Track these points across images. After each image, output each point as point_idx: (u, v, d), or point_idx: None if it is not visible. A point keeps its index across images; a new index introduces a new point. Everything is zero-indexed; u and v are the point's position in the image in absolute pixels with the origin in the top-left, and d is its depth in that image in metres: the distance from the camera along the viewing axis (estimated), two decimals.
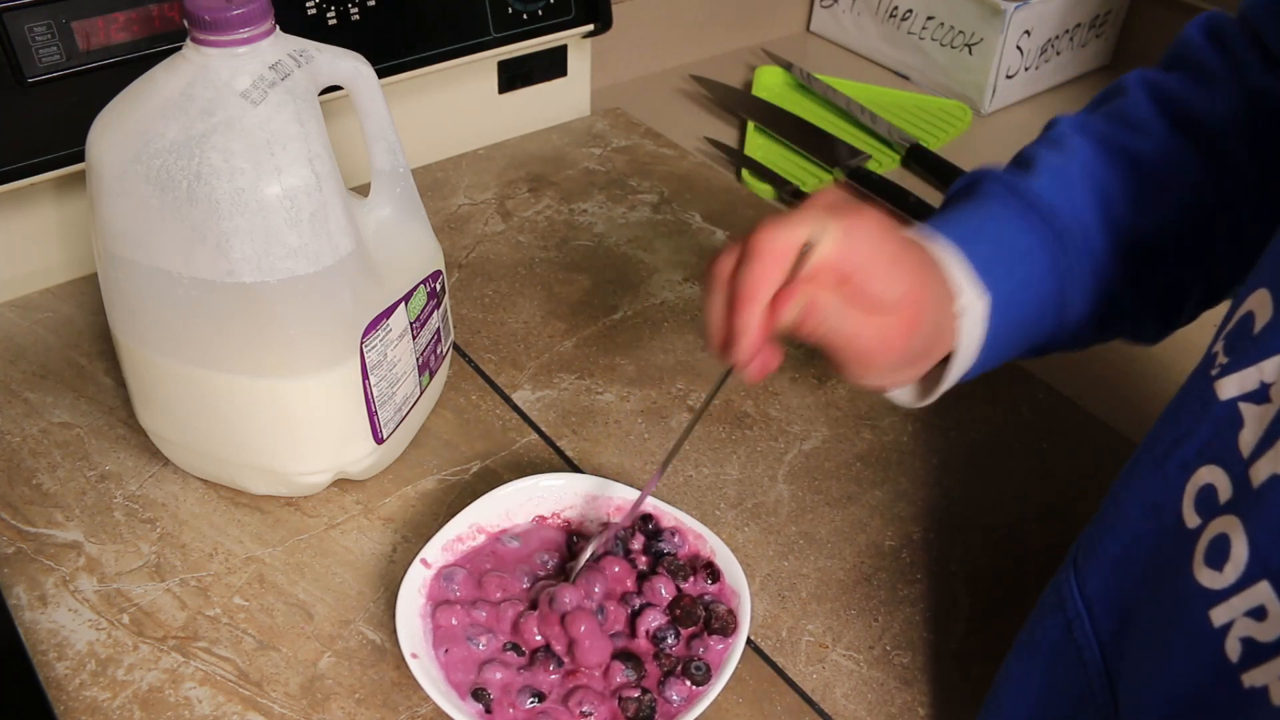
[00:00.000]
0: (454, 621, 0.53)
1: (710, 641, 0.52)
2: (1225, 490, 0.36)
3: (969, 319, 0.48)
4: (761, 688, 0.55)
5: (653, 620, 0.53)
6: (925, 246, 0.48)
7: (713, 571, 0.55)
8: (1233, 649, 0.34)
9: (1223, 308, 0.42)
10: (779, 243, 0.43)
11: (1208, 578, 0.35)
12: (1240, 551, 0.34)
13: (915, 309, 0.45)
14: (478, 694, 0.50)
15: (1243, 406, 0.36)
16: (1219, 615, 0.35)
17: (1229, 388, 0.37)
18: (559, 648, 0.52)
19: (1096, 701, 0.42)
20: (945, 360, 0.50)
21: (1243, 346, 0.37)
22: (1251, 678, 0.33)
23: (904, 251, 0.45)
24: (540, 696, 0.50)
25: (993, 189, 0.52)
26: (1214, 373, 0.38)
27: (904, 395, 0.52)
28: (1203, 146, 0.52)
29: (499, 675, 0.51)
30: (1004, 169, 0.54)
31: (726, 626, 0.53)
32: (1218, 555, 0.35)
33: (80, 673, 0.54)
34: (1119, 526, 0.42)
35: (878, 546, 0.63)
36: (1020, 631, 0.49)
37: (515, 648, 0.52)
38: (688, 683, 0.51)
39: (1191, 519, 0.37)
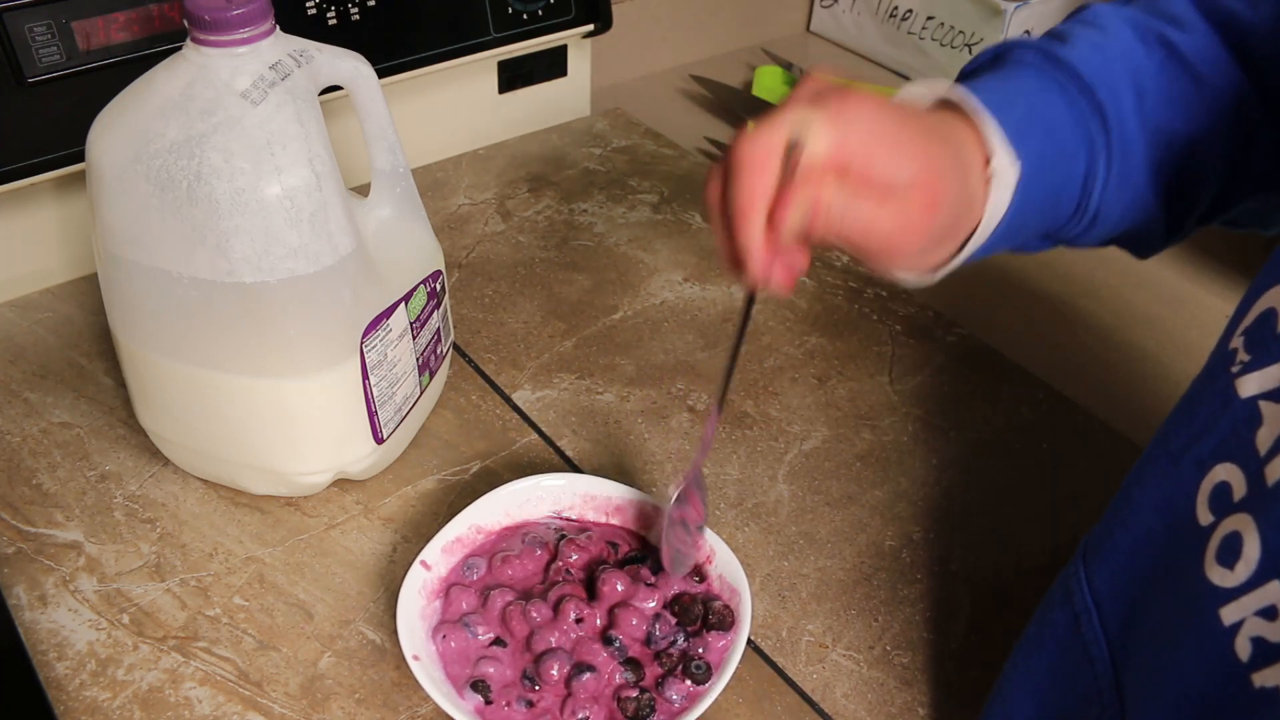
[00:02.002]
0: (465, 605, 0.53)
1: (710, 639, 0.52)
2: (1240, 488, 0.36)
3: (1000, 184, 0.45)
4: (761, 688, 0.55)
5: (652, 625, 0.53)
6: (934, 116, 0.45)
7: (697, 571, 0.55)
8: (1243, 648, 0.34)
9: (1223, 310, 0.41)
10: (760, 148, 0.40)
11: (1218, 576, 0.35)
12: (1252, 550, 0.34)
13: (931, 185, 0.42)
14: (477, 685, 0.50)
15: (1263, 405, 0.35)
16: (1229, 614, 0.34)
17: (1249, 385, 0.36)
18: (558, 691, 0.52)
19: (1103, 698, 0.42)
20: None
21: (1265, 344, 0.36)
22: (1262, 678, 0.33)
23: (905, 127, 0.42)
24: (531, 703, 0.50)
25: (1027, 57, 0.49)
26: (1234, 370, 0.37)
27: (912, 274, 0.48)
28: (1241, 50, 0.49)
29: (494, 670, 0.51)
30: (1038, 39, 0.50)
31: (724, 621, 0.53)
32: (1229, 553, 0.35)
33: (80, 673, 0.54)
34: (1130, 522, 0.42)
35: (878, 546, 0.63)
36: (1027, 626, 0.49)
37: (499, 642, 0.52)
38: (688, 682, 0.51)
39: (1204, 516, 0.37)
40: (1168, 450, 0.40)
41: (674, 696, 0.50)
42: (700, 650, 0.52)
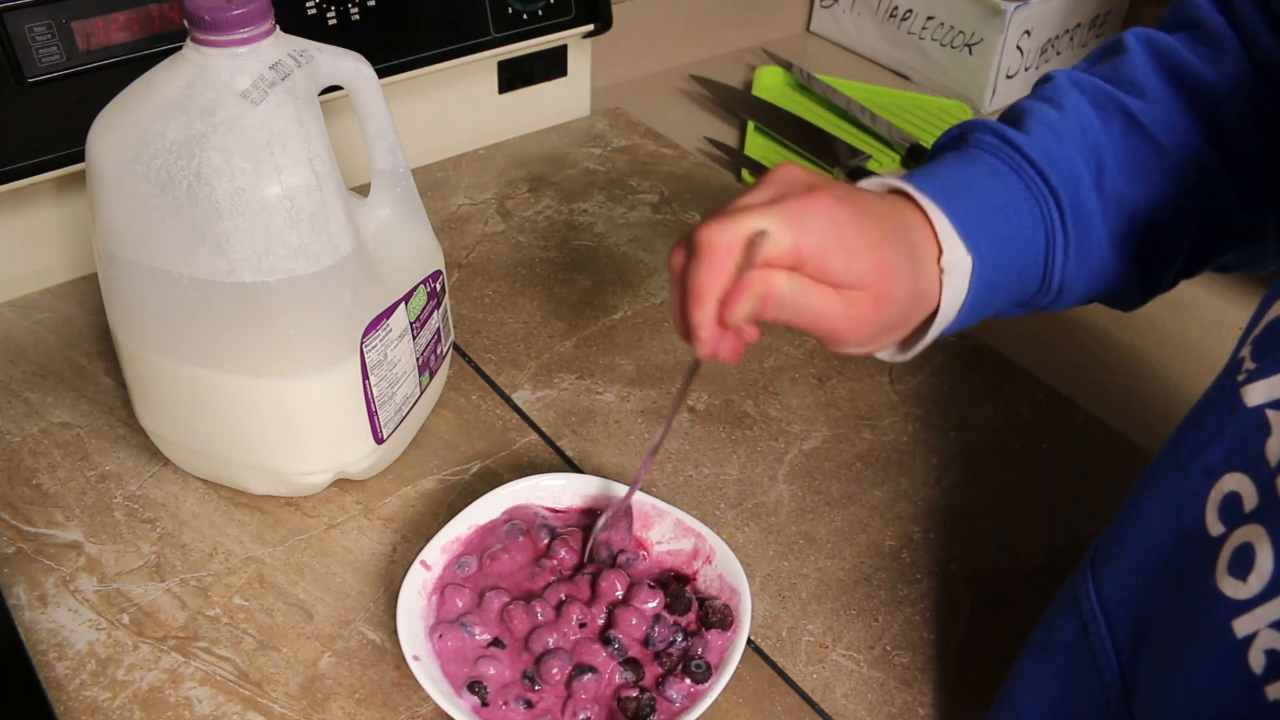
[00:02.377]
0: (460, 603, 0.53)
1: (710, 639, 0.52)
2: (1251, 499, 0.35)
3: (954, 276, 0.47)
4: (761, 688, 0.55)
5: (652, 625, 0.53)
6: (892, 213, 0.46)
7: (681, 577, 0.55)
8: (1256, 661, 0.34)
9: (1241, 312, 0.41)
10: (723, 239, 0.42)
11: (1230, 587, 0.35)
12: (1265, 562, 0.34)
13: (881, 284, 0.44)
14: (473, 686, 0.50)
15: (1270, 414, 0.35)
16: (1242, 626, 0.34)
17: (1256, 394, 0.36)
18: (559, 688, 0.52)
19: (1112, 708, 0.42)
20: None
21: (1272, 353, 0.36)
22: (1277, 690, 0.33)
23: (862, 229, 0.44)
24: (530, 704, 0.50)
25: (983, 140, 0.50)
26: (1240, 378, 0.37)
27: (884, 352, 0.50)
28: (1204, 113, 0.50)
29: (492, 670, 0.51)
30: (995, 121, 0.52)
31: (724, 620, 0.53)
32: (1242, 565, 0.35)
33: (80, 673, 0.54)
34: (1140, 531, 0.41)
35: (878, 546, 0.63)
36: (1034, 632, 0.49)
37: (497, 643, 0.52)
38: (688, 681, 0.51)
39: (1215, 527, 0.37)
40: (1176, 458, 0.40)
41: (674, 696, 0.50)
42: (700, 650, 0.52)
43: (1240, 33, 0.50)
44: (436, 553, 0.55)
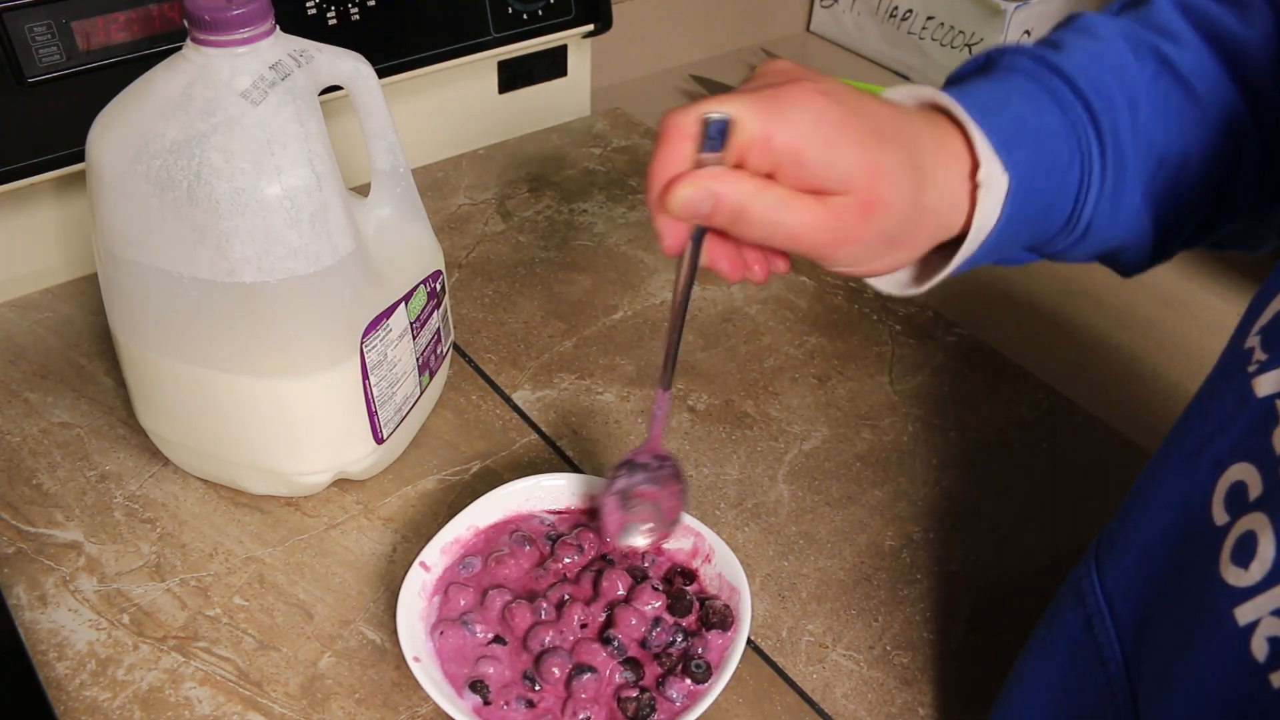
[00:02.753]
0: (462, 602, 0.53)
1: (710, 639, 0.52)
2: (1256, 487, 0.35)
3: (989, 194, 0.43)
4: (761, 688, 0.55)
5: (651, 627, 0.53)
6: (893, 116, 0.42)
7: (687, 573, 0.55)
8: (1259, 648, 0.34)
9: (1240, 313, 0.41)
10: (679, 122, 0.39)
11: (1234, 575, 0.35)
12: (1268, 550, 0.34)
13: (869, 186, 0.40)
14: (475, 686, 0.50)
15: None
16: (1244, 614, 0.34)
17: (1267, 384, 0.36)
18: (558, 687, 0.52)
19: (1116, 700, 0.42)
20: (945, 245, 0.45)
21: None
22: None
23: (846, 124, 0.40)
24: (531, 703, 0.50)
25: (1019, 62, 0.47)
26: (1251, 369, 0.37)
27: (889, 283, 0.47)
28: (1235, 65, 0.47)
29: (493, 669, 0.51)
30: (1030, 45, 0.48)
31: (724, 620, 0.53)
32: (1244, 553, 0.35)
33: (80, 673, 0.54)
34: (1145, 522, 0.41)
35: (878, 546, 0.63)
36: (1037, 627, 0.48)
37: (499, 640, 0.52)
38: (688, 681, 0.51)
39: (1220, 516, 0.36)
40: (1182, 449, 0.40)
41: (674, 695, 0.50)
42: (700, 650, 0.52)
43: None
44: (436, 554, 0.55)
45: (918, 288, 0.46)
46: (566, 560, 0.56)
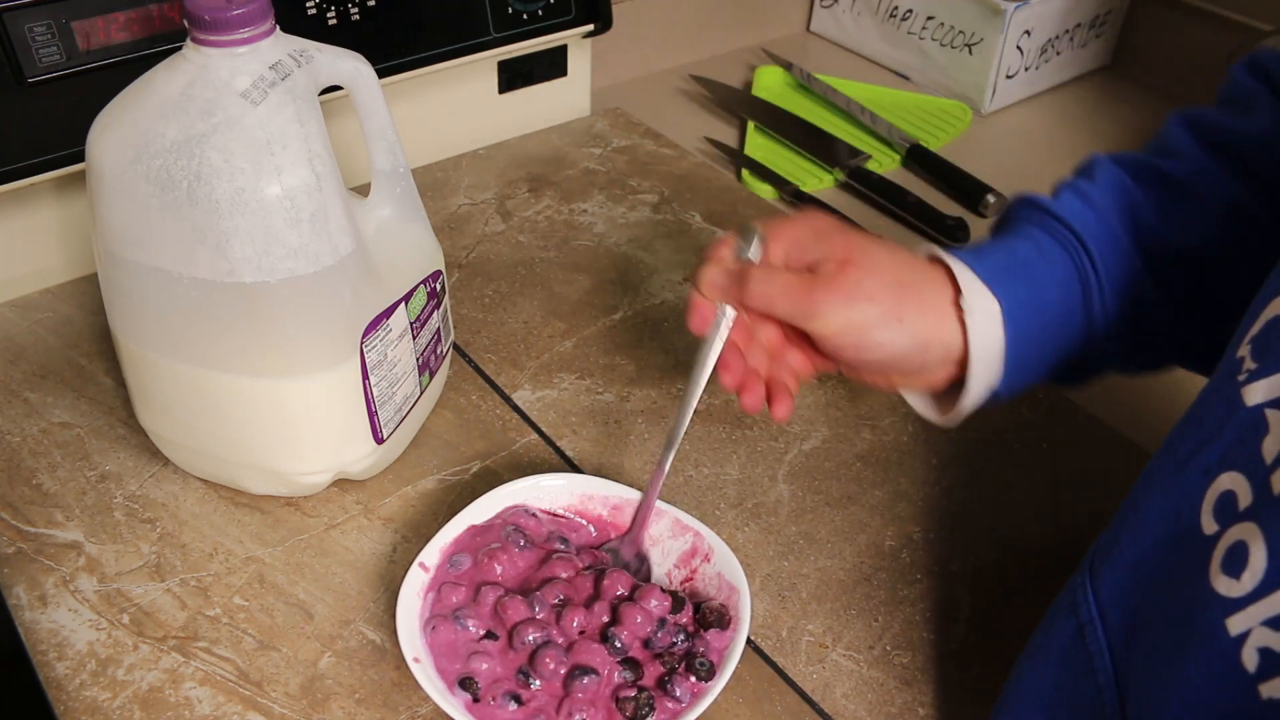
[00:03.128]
0: (455, 598, 0.53)
1: (709, 638, 0.52)
2: (1245, 497, 0.35)
3: (978, 319, 0.50)
4: (761, 688, 0.55)
5: (657, 627, 0.53)
6: (898, 253, 0.52)
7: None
8: (1250, 659, 0.34)
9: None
10: (719, 244, 0.53)
11: (1224, 585, 0.35)
12: (1259, 560, 0.34)
13: (848, 252, 0.50)
14: (464, 683, 0.50)
15: (1269, 413, 0.35)
16: (1235, 624, 0.34)
17: (1256, 393, 0.36)
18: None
19: (1106, 711, 0.42)
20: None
21: (1272, 352, 0.36)
22: (1270, 689, 0.33)
23: (836, 225, 0.52)
24: (519, 699, 0.50)
25: (1020, 212, 0.55)
26: (1241, 378, 0.37)
27: (924, 406, 0.55)
28: (1236, 164, 0.52)
29: (484, 666, 0.51)
30: (1037, 194, 0.56)
31: (721, 619, 0.53)
32: (1235, 563, 0.35)
33: (80, 673, 0.54)
34: (1137, 531, 0.41)
35: (878, 546, 0.63)
36: (1033, 634, 0.49)
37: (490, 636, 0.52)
38: (693, 678, 0.51)
39: (1209, 525, 0.37)
40: (1174, 458, 0.40)
41: (680, 693, 0.50)
42: (701, 649, 0.52)
43: (1273, 91, 0.53)
44: (435, 554, 0.55)
45: (946, 417, 0.54)
46: (564, 559, 0.55)
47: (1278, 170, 0.51)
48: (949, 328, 0.50)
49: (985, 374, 0.51)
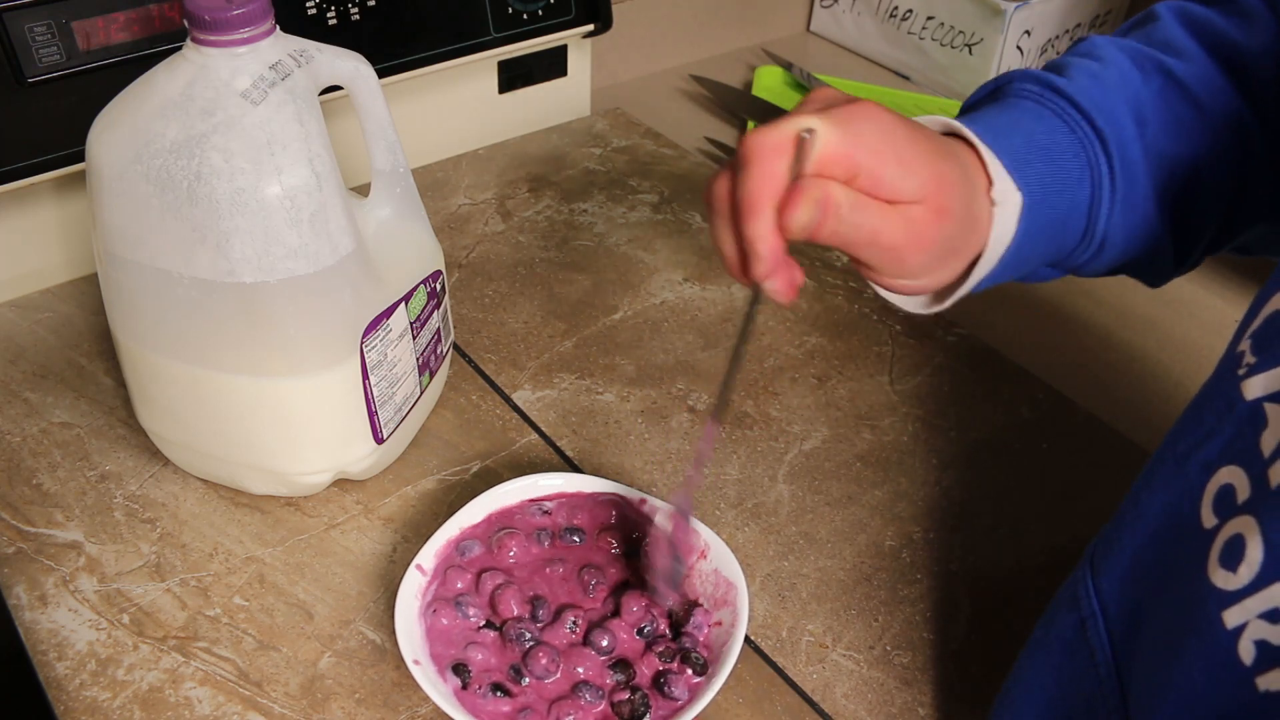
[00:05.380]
0: (459, 585, 0.53)
1: (703, 622, 0.52)
2: (1244, 490, 0.35)
3: (1003, 212, 0.45)
4: (761, 688, 0.55)
5: (651, 623, 0.53)
6: (938, 135, 0.45)
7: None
8: (1246, 652, 0.34)
9: (1240, 312, 0.41)
10: (772, 140, 0.40)
11: (1221, 578, 0.35)
12: (1255, 552, 0.34)
13: (939, 195, 0.42)
14: (457, 669, 0.50)
15: (1268, 407, 0.35)
16: (1232, 617, 0.34)
17: (1255, 388, 0.36)
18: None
19: (1108, 704, 0.42)
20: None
21: (1272, 347, 0.36)
22: (1266, 681, 0.33)
23: (915, 137, 0.42)
24: (507, 691, 0.50)
25: (1024, 89, 0.50)
26: (1241, 372, 0.37)
27: (915, 302, 0.49)
28: (1240, 76, 0.49)
29: (480, 656, 0.51)
30: (1035, 70, 0.51)
31: (699, 666, 0.52)
32: (1232, 556, 0.35)
33: (80, 673, 0.54)
34: (1137, 526, 0.42)
35: (878, 546, 0.63)
36: (1034, 629, 0.49)
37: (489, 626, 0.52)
38: (689, 672, 0.51)
39: (1209, 519, 0.37)
40: (1174, 453, 0.40)
41: (675, 690, 0.50)
42: (689, 645, 0.52)
43: (1270, 6, 0.50)
44: (431, 556, 0.55)
45: (940, 305, 0.48)
46: (562, 555, 0.56)
47: (1273, 89, 0.49)
48: (984, 223, 0.45)
49: (989, 266, 0.47)
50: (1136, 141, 0.48)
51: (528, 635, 0.52)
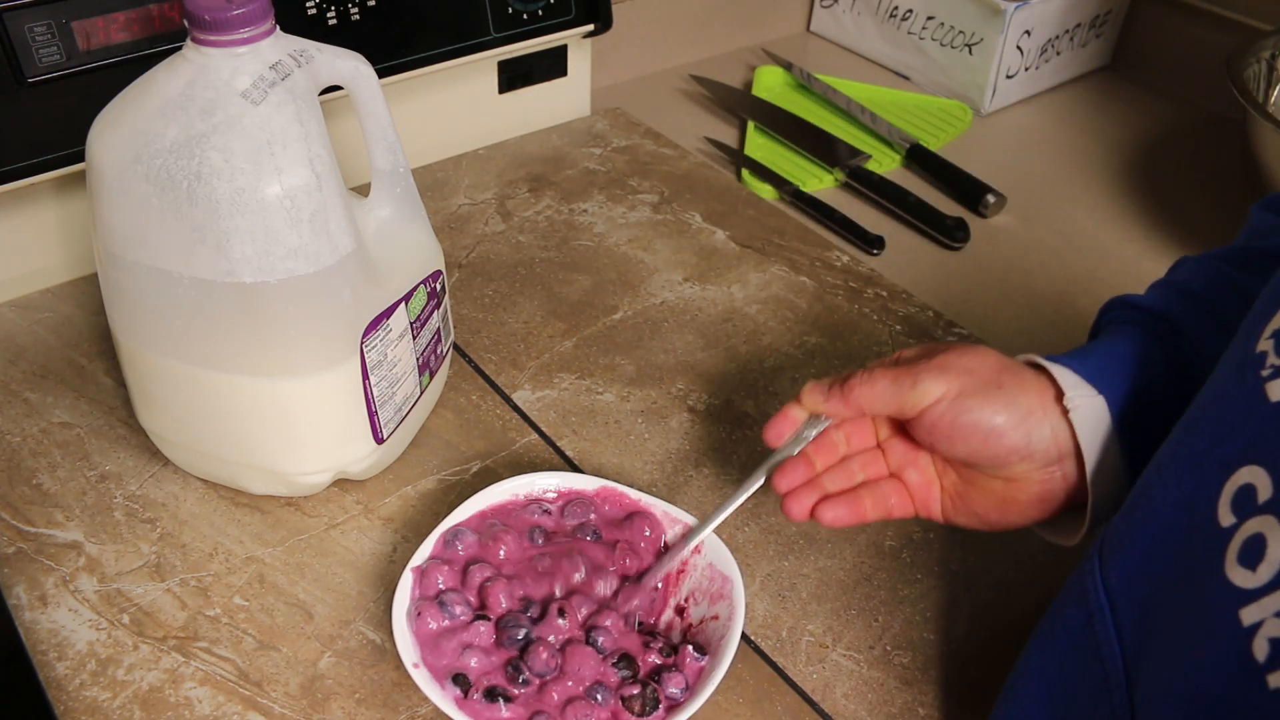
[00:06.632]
0: (440, 580, 0.53)
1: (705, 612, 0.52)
2: (1265, 490, 0.36)
3: (1082, 412, 0.49)
4: (761, 688, 0.55)
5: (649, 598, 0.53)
6: (999, 364, 0.51)
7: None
8: (1260, 649, 0.34)
9: None
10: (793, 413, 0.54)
11: (1240, 577, 0.35)
12: (1276, 552, 0.34)
13: (963, 383, 0.49)
14: (457, 679, 0.50)
15: None
16: (1249, 615, 0.35)
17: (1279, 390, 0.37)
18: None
19: (1114, 699, 0.42)
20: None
21: None
22: (1278, 679, 0.33)
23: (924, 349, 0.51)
24: (506, 699, 0.50)
25: (1110, 314, 0.55)
26: (1265, 374, 0.37)
27: (1060, 533, 0.53)
28: None
29: (474, 662, 0.51)
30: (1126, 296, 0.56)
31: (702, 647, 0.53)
32: (1252, 555, 0.35)
33: (80, 673, 0.54)
34: (1149, 521, 0.42)
35: (878, 546, 0.63)
36: (1040, 622, 0.49)
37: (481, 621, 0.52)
38: (694, 651, 0.51)
39: (1226, 518, 0.37)
40: (1191, 451, 0.40)
41: (676, 685, 0.50)
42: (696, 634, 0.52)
43: None
44: (427, 559, 0.55)
45: (1073, 538, 0.52)
46: (551, 552, 0.56)
47: None
48: (1052, 413, 0.49)
49: (1104, 468, 0.49)
50: (1222, 307, 0.51)
51: (522, 632, 0.52)
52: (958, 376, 0.49)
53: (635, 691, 0.50)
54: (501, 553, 0.55)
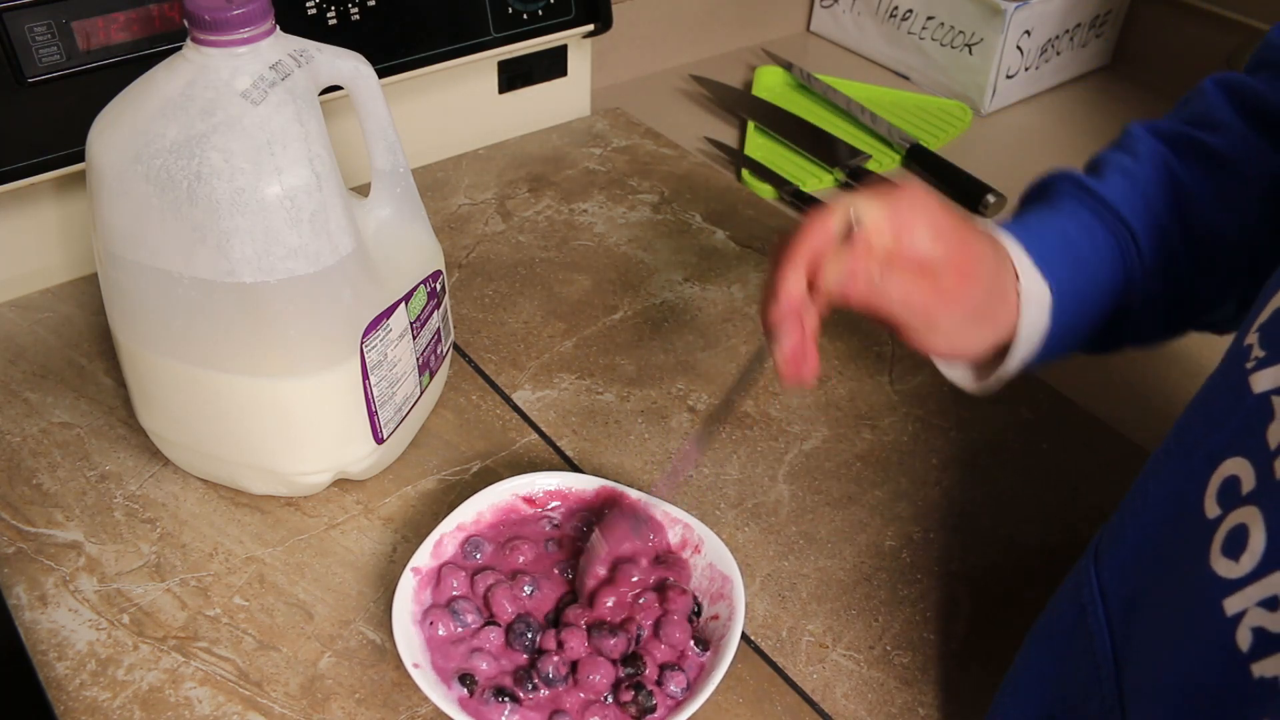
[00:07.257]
0: (455, 588, 0.54)
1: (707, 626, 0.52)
2: (1249, 481, 0.36)
3: (1032, 304, 0.51)
4: (761, 688, 0.55)
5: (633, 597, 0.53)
6: (983, 228, 0.51)
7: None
8: (1244, 638, 0.34)
9: None
10: (820, 216, 0.47)
11: (1224, 567, 0.36)
12: (1258, 542, 0.34)
13: (967, 260, 0.48)
14: (463, 679, 0.50)
15: (1276, 400, 0.36)
16: (1232, 605, 0.35)
17: (1264, 381, 0.37)
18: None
19: (1103, 690, 0.42)
20: (1004, 350, 0.52)
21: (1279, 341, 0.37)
22: (1262, 668, 0.33)
23: (949, 213, 0.48)
24: (513, 700, 0.50)
25: (1064, 188, 0.55)
26: (1249, 366, 0.38)
27: (962, 377, 0.55)
28: (1275, 135, 0.53)
29: (485, 665, 0.51)
30: (1075, 170, 0.56)
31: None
32: (1235, 545, 0.35)
33: (80, 673, 0.54)
34: (1141, 515, 0.42)
35: (878, 546, 0.63)
36: (1038, 618, 0.49)
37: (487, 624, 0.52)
38: (693, 645, 0.51)
39: (1212, 509, 0.37)
40: (1182, 445, 0.41)
41: (675, 689, 0.50)
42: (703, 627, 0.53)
43: None
44: (426, 558, 0.55)
45: (983, 383, 0.54)
46: (559, 558, 0.56)
47: None
48: (1012, 314, 0.51)
49: (1027, 350, 0.52)
50: (1174, 223, 0.53)
51: (530, 636, 0.52)
52: (968, 320, 0.50)
53: (631, 697, 0.50)
54: (520, 560, 0.55)
